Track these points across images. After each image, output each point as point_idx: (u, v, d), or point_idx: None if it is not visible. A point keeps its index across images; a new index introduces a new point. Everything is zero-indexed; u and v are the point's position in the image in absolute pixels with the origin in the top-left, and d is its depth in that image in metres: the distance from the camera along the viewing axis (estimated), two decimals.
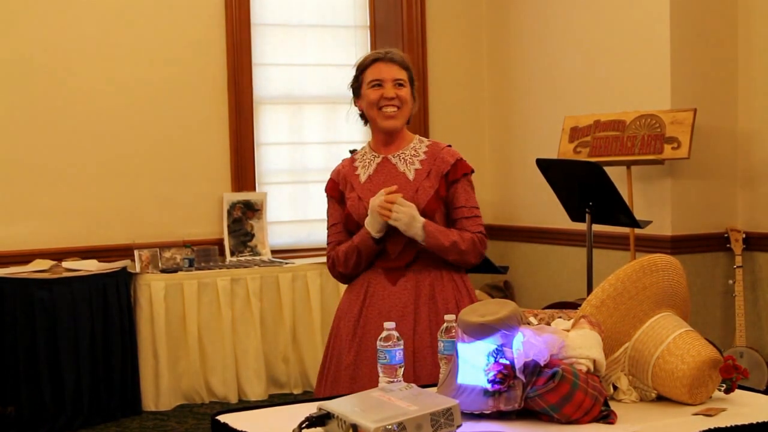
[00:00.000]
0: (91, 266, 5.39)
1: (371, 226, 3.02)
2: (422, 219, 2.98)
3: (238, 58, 6.14)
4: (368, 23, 6.73)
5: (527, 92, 6.43)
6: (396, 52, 3.16)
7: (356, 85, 3.17)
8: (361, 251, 3.07)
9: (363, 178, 3.14)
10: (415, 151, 3.13)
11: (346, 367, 3.04)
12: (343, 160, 3.26)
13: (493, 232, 6.86)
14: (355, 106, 3.21)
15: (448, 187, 3.08)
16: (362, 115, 3.22)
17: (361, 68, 3.15)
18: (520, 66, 6.49)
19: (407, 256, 3.04)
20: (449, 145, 3.18)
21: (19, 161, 5.62)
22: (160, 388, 5.49)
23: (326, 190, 3.24)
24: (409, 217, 2.96)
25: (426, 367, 2.92)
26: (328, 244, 3.21)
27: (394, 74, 3.09)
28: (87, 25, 5.76)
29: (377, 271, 3.08)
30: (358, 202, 3.09)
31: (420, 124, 6.61)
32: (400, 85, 3.09)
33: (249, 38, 6.21)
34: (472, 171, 3.14)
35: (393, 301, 3.03)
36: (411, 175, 3.08)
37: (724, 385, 2.43)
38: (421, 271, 3.05)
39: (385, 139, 3.15)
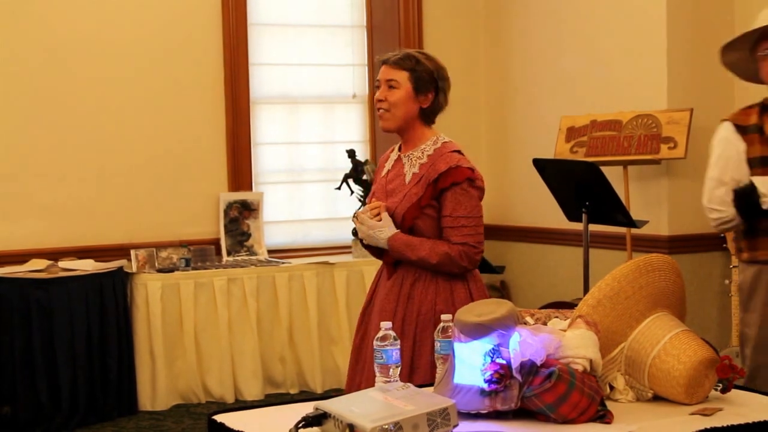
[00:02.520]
0: (87, 266, 5.38)
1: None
2: (389, 234, 3.07)
3: (235, 57, 6.13)
4: (365, 23, 6.72)
5: (524, 92, 6.43)
6: (396, 53, 3.15)
7: None
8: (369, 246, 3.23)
9: (384, 171, 3.26)
10: (422, 153, 3.13)
11: (354, 348, 3.24)
12: (390, 148, 3.33)
13: (489, 231, 6.80)
14: None
15: (437, 194, 3.06)
16: None
17: None
18: (517, 66, 6.48)
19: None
20: (457, 150, 3.13)
21: (15, 161, 5.61)
22: (157, 387, 5.48)
23: None
24: (366, 236, 3.12)
25: None
26: None
27: (387, 75, 3.12)
28: (83, 24, 5.75)
29: (384, 262, 3.22)
30: (371, 197, 3.26)
31: None
32: (391, 86, 3.11)
33: (246, 38, 6.20)
34: (468, 179, 3.06)
35: (385, 294, 3.16)
36: (408, 178, 3.13)
37: (720, 384, 2.43)
38: (407, 270, 3.12)
39: (401, 137, 3.21)
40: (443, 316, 2.49)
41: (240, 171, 6.18)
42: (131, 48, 5.86)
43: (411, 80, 3.10)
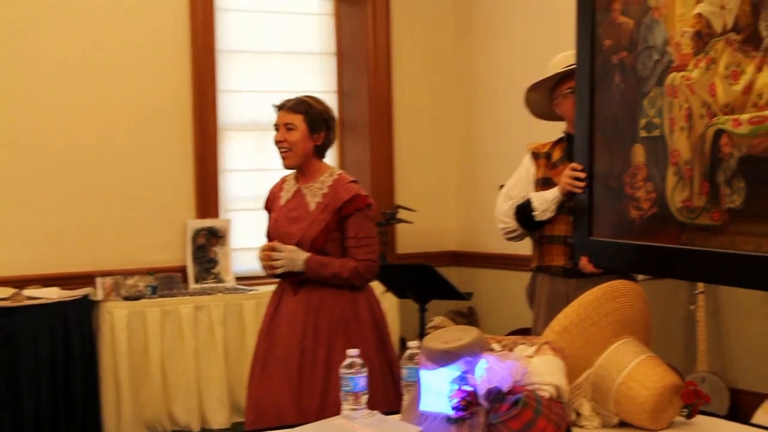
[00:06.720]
0: (52, 294, 5.33)
1: None
2: (305, 257, 3.53)
3: (203, 84, 6.13)
4: (334, 50, 6.75)
5: (493, 119, 6.47)
6: (290, 99, 3.64)
7: None
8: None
9: (282, 201, 3.70)
10: (322, 184, 3.63)
11: (258, 360, 3.64)
12: (279, 180, 3.82)
13: (457, 258, 6.87)
14: None
15: (341, 220, 3.56)
16: None
17: None
18: (486, 92, 6.53)
19: (300, 274, 3.58)
20: (353, 181, 3.65)
21: None
22: (122, 416, 5.42)
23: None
24: (288, 261, 3.55)
25: (307, 372, 3.50)
26: None
27: (285, 119, 3.61)
28: (50, 49, 5.72)
29: (286, 282, 3.66)
30: (274, 224, 3.69)
31: (385, 150, 6.63)
32: (289, 128, 3.59)
33: (214, 64, 6.20)
34: (368, 205, 3.60)
35: (293, 308, 3.59)
36: (312, 207, 3.60)
37: (685, 410, 2.44)
38: (313, 286, 3.58)
39: (297, 171, 3.70)
40: (410, 343, 2.50)
41: (207, 198, 6.15)
42: (99, 73, 5.83)
43: (306, 122, 3.60)
